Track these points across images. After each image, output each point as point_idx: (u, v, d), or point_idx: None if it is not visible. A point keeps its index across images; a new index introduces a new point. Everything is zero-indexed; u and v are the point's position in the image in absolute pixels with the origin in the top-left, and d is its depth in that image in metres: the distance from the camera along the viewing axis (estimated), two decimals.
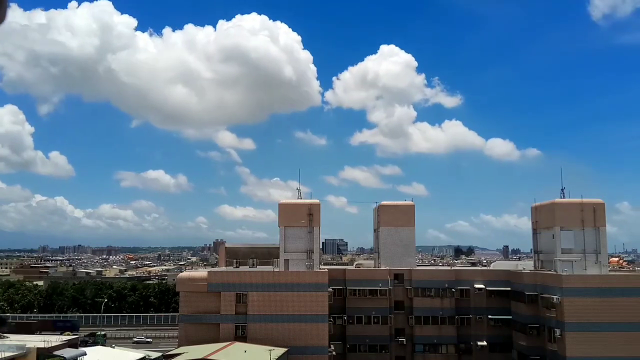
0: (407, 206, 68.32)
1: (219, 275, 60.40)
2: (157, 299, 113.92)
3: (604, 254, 59.70)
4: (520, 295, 60.04)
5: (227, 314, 57.49)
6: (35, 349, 47.35)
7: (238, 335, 56.41)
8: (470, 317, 63.41)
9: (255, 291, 57.77)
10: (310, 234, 61.00)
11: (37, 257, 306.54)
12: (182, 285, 61.20)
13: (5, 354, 44.18)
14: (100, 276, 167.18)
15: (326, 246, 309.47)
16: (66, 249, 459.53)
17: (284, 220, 61.62)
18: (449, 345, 62.90)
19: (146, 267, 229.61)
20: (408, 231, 66.67)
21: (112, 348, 63.96)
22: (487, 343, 62.35)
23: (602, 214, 59.62)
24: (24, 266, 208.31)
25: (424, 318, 62.91)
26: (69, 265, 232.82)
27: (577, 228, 58.84)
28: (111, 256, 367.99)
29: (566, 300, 54.03)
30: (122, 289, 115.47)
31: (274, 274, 59.95)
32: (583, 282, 55.69)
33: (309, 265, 60.39)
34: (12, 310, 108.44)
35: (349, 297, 62.70)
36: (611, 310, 53.77)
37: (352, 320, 62.35)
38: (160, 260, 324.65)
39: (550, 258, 60.96)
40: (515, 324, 61.40)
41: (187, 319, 58.65)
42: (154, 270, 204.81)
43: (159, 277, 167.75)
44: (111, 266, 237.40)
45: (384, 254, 66.71)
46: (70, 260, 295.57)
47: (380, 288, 62.08)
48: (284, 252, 61.10)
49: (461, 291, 63.57)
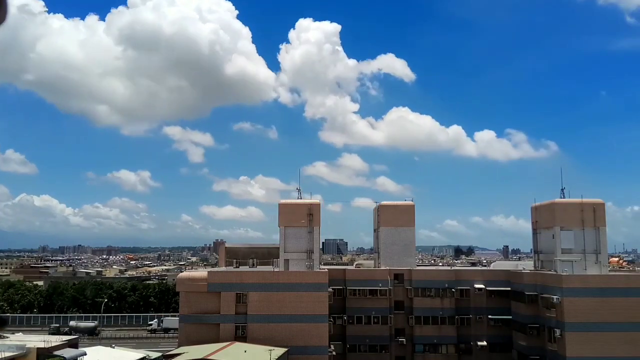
0: (407, 206, 68.29)
1: (219, 275, 60.40)
2: (157, 299, 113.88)
3: (604, 254, 59.70)
4: (520, 295, 60.04)
5: (227, 314, 57.46)
6: (35, 349, 47.43)
7: (238, 335, 56.38)
8: (470, 317, 63.40)
9: (255, 291, 57.76)
10: (310, 234, 60.99)
11: (37, 257, 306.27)
12: (182, 285, 61.20)
13: (5, 354, 44.23)
14: (100, 276, 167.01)
15: (326, 246, 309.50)
16: (66, 249, 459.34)
17: (284, 220, 61.60)
18: (449, 345, 62.90)
19: (146, 267, 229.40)
20: (408, 231, 66.66)
21: (112, 348, 63.98)
22: (487, 343, 62.35)
23: (602, 213, 59.62)
24: (24, 266, 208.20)
25: (424, 318, 62.91)
26: (69, 265, 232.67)
27: (577, 228, 58.87)
28: (111, 256, 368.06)
29: (566, 300, 54.02)
30: (122, 289, 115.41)
31: (274, 274, 59.94)
32: (583, 282, 55.69)
33: (309, 265, 60.38)
34: (12, 310, 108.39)
35: (349, 297, 62.70)
36: (611, 310, 53.75)
37: (352, 320, 62.34)
38: (160, 260, 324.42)
39: (550, 258, 60.97)
40: (515, 324, 61.39)
41: (187, 319, 58.62)
42: (154, 270, 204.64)
43: (159, 277, 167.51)
44: (111, 266, 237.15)
45: (384, 254, 66.71)
46: (70, 260, 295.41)
47: (380, 288, 62.09)
48: (284, 252, 61.08)
49: (461, 291, 63.57)
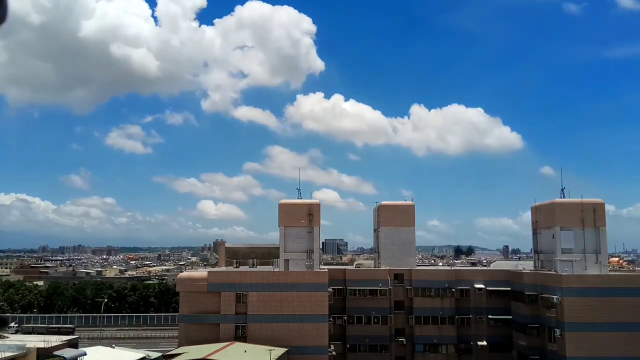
0: (407, 206, 68.29)
1: (219, 275, 60.40)
2: (157, 299, 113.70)
3: (604, 253, 59.68)
4: (520, 295, 60.05)
5: (227, 314, 57.49)
6: (35, 349, 47.33)
7: (238, 335, 56.40)
8: (470, 317, 63.39)
9: (255, 291, 57.77)
10: (310, 234, 60.99)
11: (37, 257, 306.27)
12: (182, 285, 61.21)
13: (5, 354, 44.20)
14: (100, 276, 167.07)
15: (326, 246, 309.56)
16: (66, 249, 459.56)
17: (284, 220, 61.59)
18: (449, 345, 62.89)
19: (146, 267, 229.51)
20: (408, 231, 66.66)
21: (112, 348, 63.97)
22: (487, 343, 62.33)
23: (602, 213, 59.61)
24: (24, 266, 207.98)
25: (424, 318, 62.90)
26: (69, 265, 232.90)
27: (577, 228, 58.87)
28: (111, 256, 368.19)
29: (566, 300, 54.03)
30: (122, 289, 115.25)
31: (274, 274, 59.94)
32: (583, 282, 55.70)
33: (309, 265, 60.38)
34: (12, 310, 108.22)
35: (349, 297, 62.70)
36: (611, 310, 53.76)
37: (352, 320, 62.34)
38: (160, 260, 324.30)
39: (550, 258, 60.97)
40: (515, 324, 61.41)
41: (187, 319, 58.63)
42: (154, 270, 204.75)
43: (159, 277, 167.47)
44: (111, 266, 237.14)
45: (384, 254, 66.70)
46: (70, 260, 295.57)
47: (380, 288, 62.09)
48: (284, 252, 61.09)
49: (461, 291, 63.57)
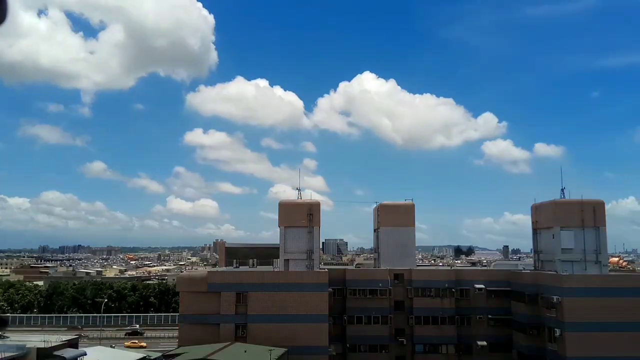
0: (407, 206, 68.22)
1: (219, 275, 60.38)
2: (157, 299, 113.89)
3: (604, 253, 59.70)
4: (520, 295, 60.01)
5: (227, 314, 57.43)
6: (35, 349, 47.42)
7: (238, 335, 56.37)
8: (470, 317, 63.34)
9: (255, 291, 57.72)
10: (310, 234, 60.98)
11: (37, 257, 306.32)
12: (182, 285, 61.22)
13: (5, 354, 44.21)
14: (100, 276, 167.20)
15: (326, 246, 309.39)
16: (66, 249, 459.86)
17: (284, 220, 61.58)
18: (449, 345, 62.81)
19: (146, 267, 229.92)
20: (408, 231, 66.63)
21: (112, 348, 64.01)
22: (487, 343, 62.25)
23: (602, 213, 59.61)
24: (24, 266, 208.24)
25: (424, 318, 62.86)
26: (69, 265, 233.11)
27: (577, 228, 58.85)
28: (111, 256, 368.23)
29: (566, 300, 54.01)
30: (122, 289, 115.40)
31: (274, 274, 59.94)
32: (583, 282, 55.67)
33: (309, 265, 60.36)
34: (12, 310, 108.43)
35: (349, 297, 62.65)
36: (611, 310, 53.69)
37: (352, 320, 62.27)
38: (160, 260, 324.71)
39: (550, 258, 60.95)
40: (515, 324, 61.36)
41: (187, 319, 58.59)
42: (154, 270, 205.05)
43: (159, 277, 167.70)
44: (111, 266, 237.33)
45: (384, 254, 66.67)
46: (70, 260, 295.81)
47: (381, 288, 62.04)
48: (284, 252, 61.07)
49: (461, 291, 63.55)
